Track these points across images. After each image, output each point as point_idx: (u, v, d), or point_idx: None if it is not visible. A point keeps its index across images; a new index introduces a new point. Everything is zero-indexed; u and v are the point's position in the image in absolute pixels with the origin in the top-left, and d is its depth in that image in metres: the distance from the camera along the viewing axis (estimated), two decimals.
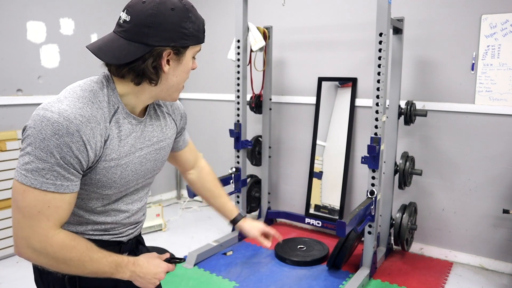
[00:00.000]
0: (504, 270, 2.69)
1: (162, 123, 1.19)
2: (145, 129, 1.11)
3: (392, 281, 2.55)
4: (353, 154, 3.16)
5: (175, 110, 1.26)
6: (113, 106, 1.02)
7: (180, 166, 1.46)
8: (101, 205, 1.08)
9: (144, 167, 1.13)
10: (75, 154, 0.92)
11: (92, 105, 0.96)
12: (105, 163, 1.00)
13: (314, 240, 3.09)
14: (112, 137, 1.01)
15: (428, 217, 2.94)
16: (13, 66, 2.91)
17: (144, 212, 1.26)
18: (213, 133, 3.92)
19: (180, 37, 1.00)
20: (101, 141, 0.97)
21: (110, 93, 1.02)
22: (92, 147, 0.95)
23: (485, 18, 2.59)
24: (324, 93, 3.26)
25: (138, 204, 1.19)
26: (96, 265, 1.00)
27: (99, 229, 1.11)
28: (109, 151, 1.00)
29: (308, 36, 3.29)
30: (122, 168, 1.05)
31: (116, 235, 1.16)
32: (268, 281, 2.55)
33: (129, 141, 1.05)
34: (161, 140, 1.17)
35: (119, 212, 1.13)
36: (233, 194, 3.08)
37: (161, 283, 1.28)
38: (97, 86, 1.01)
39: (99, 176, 1.01)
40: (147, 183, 1.20)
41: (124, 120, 1.04)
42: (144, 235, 3.20)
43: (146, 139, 1.12)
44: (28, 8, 2.94)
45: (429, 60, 2.82)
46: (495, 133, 2.65)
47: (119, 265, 1.04)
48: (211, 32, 3.85)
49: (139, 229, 1.27)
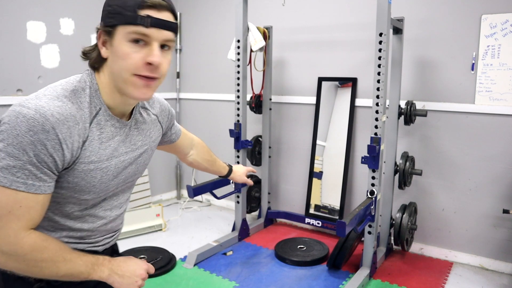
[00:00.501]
0: (504, 270, 2.69)
1: (148, 126, 1.15)
2: (130, 132, 1.07)
3: (392, 281, 2.55)
4: (353, 154, 3.16)
5: (162, 111, 1.22)
6: (95, 107, 0.98)
7: (179, 153, 1.48)
8: (78, 209, 1.03)
9: (126, 171, 1.09)
10: (50, 153, 0.88)
11: (71, 105, 0.93)
12: (83, 165, 0.95)
13: (314, 240, 3.09)
14: (92, 139, 0.96)
15: (428, 217, 2.94)
16: (13, 66, 2.91)
17: (122, 221, 1.21)
18: (213, 133, 3.92)
19: (106, 15, 0.94)
20: (78, 141, 0.93)
21: (93, 93, 0.98)
22: (69, 147, 0.90)
23: (485, 18, 2.59)
24: (324, 93, 3.26)
25: (117, 210, 1.14)
26: (71, 265, 0.94)
27: (75, 236, 1.05)
28: (88, 153, 0.96)
29: (308, 36, 3.29)
30: (102, 172, 1.00)
31: (92, 244, 1.10)
32: (268, 281, 2.55)
33: (111, 144, 1.01)
34: (146, 144, 1.14)
35: (97, 218, 1.08)
36: (233, 194, 3.07)
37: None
38: (79, 86, 0.97)
39: (77, 179, 0.96)
40: (127, 187, 1.16)
41: (106, 122, 1.00)
42: (144, 235, 3.20)
43: (131, 143, 1.08)
44: (28, 8, 2.94)
45: (429, 60, 2.82)
46: (495, 133, 2.65)
47: (95, 263, 0.98)
48: (211, 32, 3.85)
49: (116, 239, 1.21)
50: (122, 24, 0.92)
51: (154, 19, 0.91)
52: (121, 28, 0.92)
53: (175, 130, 1.36)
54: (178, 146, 1.42)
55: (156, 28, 0.92)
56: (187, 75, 4.09)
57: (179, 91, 4.13)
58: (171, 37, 0.96)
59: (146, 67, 0.94)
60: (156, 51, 0.93)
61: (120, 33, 0.92)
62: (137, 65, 0.93)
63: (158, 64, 0.94)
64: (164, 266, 2.63)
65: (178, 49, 4.06)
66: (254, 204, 3.50)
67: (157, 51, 0.93)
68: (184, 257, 2.82)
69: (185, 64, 4.09)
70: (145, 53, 0.93)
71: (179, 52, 4.07)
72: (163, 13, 0.93)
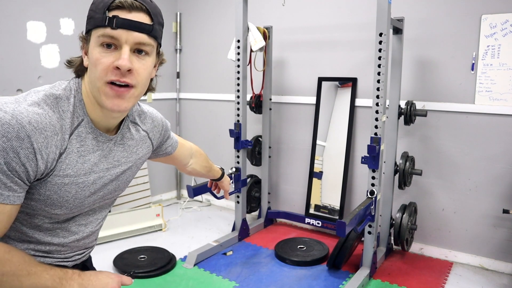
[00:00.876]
0: (504, 270, 2.69)
1: (135, 142, 1.08)
2: (114, 148, 1.01)
3: (392, 281, 2.55)
4: (353, 154, 3.16)
5: (154, 128, 1.15)
6: (77, 118, 0.91)
7: (178, 164, 1.42)
8: (49, 222, 0.96)
9: (105, 188, 1.02)
10: (22, 162, 0.81)
11: (52, 113, 0.87)
12: (58, 178, 0.89)
13: (314, 240, 3.09)
14: (71, 151, 0.90)
15: (428, 217, 2.93)
16: (13, 66, 2.91)
17: (96, 237, 1.13)
18: (213, 133, 3.92)
19: (86, 22, 0.91)
20: (55, 152, 0.87)
21: (77, 103, 0.92)
22: (44, 158, 0.84)
23: (485, 18, 2.59)
24: (324, 93, 3.26)
25: (92, 227, 1.07)
26: (36, 280, 0.85)
27: (42, 250, 0.98)
28: (65, 166, 0.90)
29: (308, 36, 3.29)
30: (78, 187, 0.94)
31: (61, 259, 1.02)
32: (268, 281, 2.55)
33: (91, 159, 0.95)
34: (130, 161, 1.07)
35: (69, 233, 1.01)
36: (233, 194, 3.08)
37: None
38: (63, 94, 0.91)
39: (50, 192, 0.90)
40: (106, 204, 1.10)
41: (87, 135, 0.93)
42: (144, 235, 3.20)
43: (114, 159, 1.01)
44: (28, 8, 2.94)
45: (429, 60, 2.82)
46: (495, 133, 2.65)
47: (64, 278, 0.89)
48: (211, 32, 3.85)
49: (88, 255, 1.14)
50: (94, 28, 0.87)
51: (121, 19, 0.85)
52: (93, 33, 0.87)
53: (171, 143, 1.30)
54: (176, 158, 1.37)
55: (124, 29, 0.85)
56: (187, 75, 4.09)
57: (179, 91, 4.13)
58: (145, 40, 0.89)
59: (114, 72, 0.87)
60: (125, 54, 0.86)
61: (93, 38, 0.88)
62: (107, 70, 0.86)
63: (126, 69, 0.86)
64: (164, 266, 2.63)
65: (178, 49, 4.06)
66: (254, 204, 3.50)
67: (125, 54, 0.86)
68: (184, 257, 2.82)
69: (185, 64, 4.09)
70: (114, 57, 0.86)
71: (179, 52, 4.07)
72: (134, 14, 0.87)
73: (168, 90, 4.08)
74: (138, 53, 0.90)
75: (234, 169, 3.04)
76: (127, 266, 2.62)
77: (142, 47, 0.89)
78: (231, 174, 3.01)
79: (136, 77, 0.90)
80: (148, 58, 0.92)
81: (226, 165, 3.62)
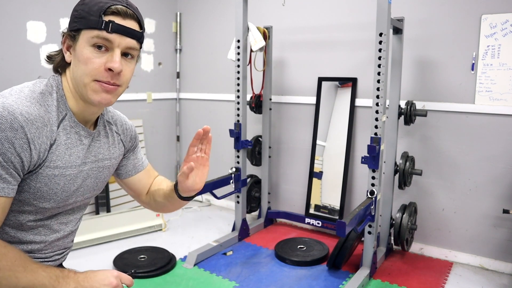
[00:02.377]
0: (504, 270, 2.69)
1: (110, 141, 1.11)
2: (92, 143, 1.04)
3: (392, 281, 2.55)
4: (353, 154, 3.16)
5: (125, 130, 1.17)
6: (61, 112, 0.95)
7: (135, 191, 1.27)
8: (33, 219, 0.97)
9: (86, 183, 1.04)
10: (18, 152, 0.84)
11: (40, 107, 0.90)
12: (48, 170, 0.92)
13: (314, 240, 3.09)
14: (60, 143, 0.94)
15: (428, 217, 2.93)
16: (13, 66, 2.91)
17: (73, 238, 1.15)
18: (213, 133, 3.89)
19: (72, 20, 0.95)
20: (46, 143, 0.90)
21: (59, 98, 0.96)
22: (37, 148, 0.87)
23: (485, 18, 2.59)
24: (324, 93, 3.26)
25: (72, 225, 1.09)
26: (32, 276, 0.86)
27: (24, 249, 0.98)
28: (55, 157, 0.93)
29: (308, 36, 3.29)
30: (65, 179, 0.96)
31: (42, 259, 1.03)
32: (268, 281, 2.55)
33: (75, 152, 0.98)
34: (106, 158, 1.10)
35: (51, 231, 1.02)
36: (233, 194, 3.07)
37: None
38: (46, 90, 0.95)
39: (40, 184, 0.92)
40: (84, 204, 1.11)
41: (71, 129, 0.97)
42: (144, 235, 3.21)
43: (92, 154, 1.04)
44: (28, 8, 2.94)
45: (429, 60, 2.82)
46: (495, 133, 2.65)
47: (60, 276, 0.90)
48: (211, 32, 3.85)
49: (65, 257, 1.15)
50: (85, 29, 0.92)
51: (117, 25, 0.92)
52: (84, 33, 0.92)
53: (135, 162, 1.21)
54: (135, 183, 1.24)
55: (119, 34, 0.92)
56: (187, 75, 4.09)
57: (179, 91, 4.13)
58: (134, 45, 0.97)
59: (106, 73, 0.93)
60: (117, 57, 0.93)
61: (83, 38, 0.92)
62: (98, 70, 0.92)
63: (118, 71, 0.93)
64: (164, 266, 2.63)
65: (178, 49, 4.06)
66: (254, 204, 3.50)
67: (118, 57, 0.93)
68: (184, 257, 2.82)
69: (185, 64, 4.09)
70: (106, 59, 0.93)
71: (179, 52, 4.07)
72: (127, 21, 0.94)
73: (168, 90, 4.08)
74: (125, 56, 0.97)
75: (234, 169, 3.04)
76: (127, 266, 2.62)
77: (130, 51, 0.97)
78: (231, 174, 3.01)
79: (122, 78, 0.97)
80: (133, 61, 1.00)
81: (226, 165, 3.63)
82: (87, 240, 2.93)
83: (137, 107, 3.77)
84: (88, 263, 2.70)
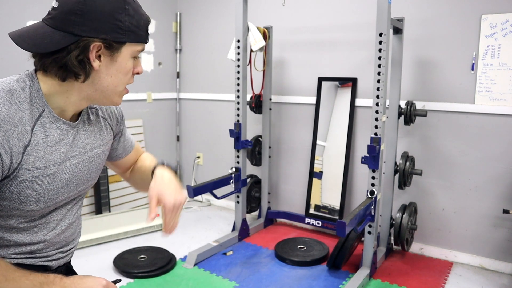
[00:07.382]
0: (504, 270, 2.69)
1: (97, 128, 1.07)
2: (78, 135, 0.99)
3: (392, 281, 2.55)
4: (353, 154, 3.16)
5: (110, 114, 1.13)
6: (37, 108, 0.89)
7: (121, 169, 1.28)
8: (25, 221, 0.93)
9: (77, 177, 1.01)
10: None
11: (9, 106, 0.84)
12: (27, 172, 0.87)
13: (314, 240, 3.09)
14: (36, 143, 0.88)
15: (428, 217, 2.93)
16: (13, 66, 2.91)
17: (76, 231, 1.11)
18: (213, 133, 3.92)
19: (113, 29, 0.88)
20: (18, 145, 0.85)
21: (34, 94, 0.89)
22: (7, 152, 0.82)
23: (485, 18, 2.59)
24: (324, 93, 3.26)
25: (69, 219, 1.05)
26: (14, 286, 0.83)
27: (24, 251, 0.95)
28: (33, 158, 0.88)
29: (308, 36, 3.29)
30: (49, 178, 0.92)
31: (44, 258, 1.00)
32: (268, 281, 2.55)
33: (58, 148, 0.93)
34: (96, 147, 1.06)
35: (47, 230, 0.99)
36: (233, 194, 3.07)
37: None
38: (17, 86, 0.88)
39: (22, 188, 0.87)
40: (79, 196, 1.08)
41: (51, 124, 0.91)
42: (144, 235, 3.20)
43: (78, 147, 1.00)
44: (28, 8, 2.94)
45: (429, 60, 2.82)
46: (495, 133, 2.65)
47: (45, 282, 0.87)
48: (211, 32, 3.85)
49: (71, 255, 1.12)
50: (131, 41, 0.92)
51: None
52: (130, 45, 0.93)
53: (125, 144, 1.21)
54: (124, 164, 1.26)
55: None
56: (187, 75, 4.09)
57: (179, 91, 4.13)
58: None
59: (133, 78, 1.00)
60: (141, 62, 1.02)
61: (129, 50, 0.93)
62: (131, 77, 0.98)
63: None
64: (164, 266, 2.63)
65: (178, 49, 4.06)
66: (254, 204, 3.50)
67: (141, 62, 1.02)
68: (184, 257, 2.82)
69: (185, 64, 4.09)
70: (133, 64, 0.98)
71: (179, 52, 4.07)
72: None
73: (168, 90, 4.08)
74: None
75: (234, 169, 3.04)
76: (127, 266, 2.62)
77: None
78: (231, 174, 3.01)
79: None
80: None
81: (226, 165, 3.63)
82: (87, 240, 2.93)
83: (137, 107, 3.77)
84: (88, 263, 2.70)
